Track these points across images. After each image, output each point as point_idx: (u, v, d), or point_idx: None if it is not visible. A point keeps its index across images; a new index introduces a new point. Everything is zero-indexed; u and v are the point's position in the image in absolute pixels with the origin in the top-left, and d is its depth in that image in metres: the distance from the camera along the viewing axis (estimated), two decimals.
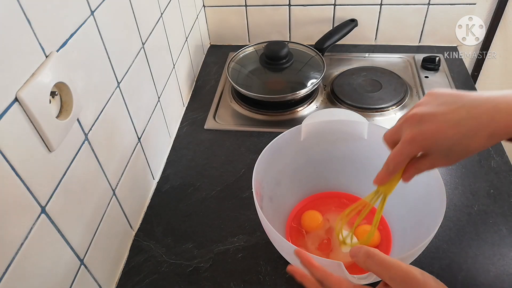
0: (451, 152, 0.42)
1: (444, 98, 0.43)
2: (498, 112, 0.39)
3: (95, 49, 0.53)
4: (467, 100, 0.41)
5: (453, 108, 0.41)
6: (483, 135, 0.40)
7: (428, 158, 0.44)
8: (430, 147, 0.43)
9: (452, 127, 0.41)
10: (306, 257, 0.47)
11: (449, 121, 0.41)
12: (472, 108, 0.40)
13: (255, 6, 1.06)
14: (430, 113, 0.42)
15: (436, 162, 0.44)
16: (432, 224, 0.51)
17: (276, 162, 0.64)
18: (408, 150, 0.44)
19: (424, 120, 0.42)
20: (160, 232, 0.69)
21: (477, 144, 0.40)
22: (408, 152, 0.44)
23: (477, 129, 0.40)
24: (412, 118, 0.43)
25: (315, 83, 0.89)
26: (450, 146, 0.41)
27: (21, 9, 0.38)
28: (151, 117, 0.73)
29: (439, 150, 0.42)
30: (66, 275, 0.49)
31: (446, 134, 0.41)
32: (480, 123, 0.40)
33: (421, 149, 0.43)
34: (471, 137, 0.40)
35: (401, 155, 0.45)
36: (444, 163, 0.44)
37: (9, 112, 0.37)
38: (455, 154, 0.42)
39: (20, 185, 0.39)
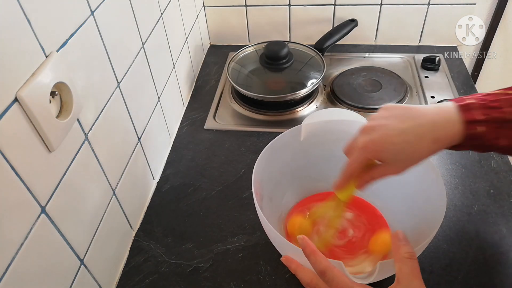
0: (399, 158, 0.46)
1: (395, 111, 0.47)
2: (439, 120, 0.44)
3: (95, 49, 0.53)
4: (414, 111, 0.46)
5: (402, 119, 0.46)
6: (427, 141, 0.44)
7: (379, 166, 0.48)
8: (379, 153, 0.47)
9: (399, 135, 0.45)
10: (311, 245, 0.47)
11: (397, 129, 0.45)
12: (418, 117, 0.45)
13: (255, 6, 1.06)
14: (381, 124, 0.47)
15: (387, 170, 0.48)
16: (432, 224, 0.51)
17: (276, 162, 0.64)
18: (361, 156, 0.48)
19: (375, 130, 0.47)
20: (160, 232, 0.69)
21: (422, 149, 0.45)
22: (361, 159, 0.48)
23: (422, 135, 0.44)
24: (365, 129, 0.48)
25: (315, 83, 0.89)
26: (398, 151, 0.45)
27: (21, 9, 0.38)
28: (151, 117, 0.73)
29: (388, 156, 0.46)
30: (66, 275, 0.49)
31: (393, 141, 0.45)
32: (424, 130, 0.44)
33: (372, 155, 0.47)
34: (416, 143, 0.44)
35: (354, 161, 0.49)
36: (394, 170, 0.48)
37: (9, 112, 0.37)
38: (403, 160, 0.46)
39: (20, 185, 0.39)
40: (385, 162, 0.47)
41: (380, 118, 0.47)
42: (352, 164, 0.49)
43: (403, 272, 0.44)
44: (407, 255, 0.45)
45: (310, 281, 0.48)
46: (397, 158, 0.46)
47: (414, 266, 0.44)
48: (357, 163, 0.49)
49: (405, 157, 0.46)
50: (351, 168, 0.50)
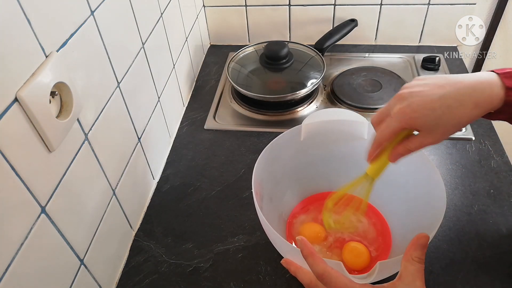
0: (438, 124, 0.44)
1: (430, 79, 0.46)
2: (480, 84, 0.43)
3: (95, 49, 0.53)
4: (453, 77, 0.45)
5: (439, 85, 0.44)
6: (468, 105, 0.43)
7: (416, 136, 0.47)
8: (417, 120, 0.45)
9: (438, 100, 0.44)
10: (309, 247, 0.47)
11: (435, 94, 0.44)
12: (457, 82, 0.44)
13: (255, 6, 1.06)
14: (418, 90, 0.45)
15: (424, 139, 0.46)
16: (432, 224, 0.51)
17: (276, 162, 0.64)
18: (395, 122, 0.46)
19: (412, 96, 0.45)
20: (160, 232, 0.69)
21: (462, 114, 0.43)
22: (395, 125, 0.46)
23: (462, 99, 0.43)
24: (400, 95, 0.47)
25: (315, 83, 0.89)
26: (437, 117, 0.44)
27: (21, 9, 0.38)
28: (151, 117, 0.73)
29: (426, 122, 0.45)
30: (66, 275, 0.49)
31: (432, 106, 0.44)
32: (463, 94, 0.43)
33: (409, 121, 0.45)
34: (456, 107, 0.43)
35: (387, 127, 0.47)
36: (432, 139, 0.46)
37: (9, 112, 0.37)
38: (442, 126, 0.44)
39: (20, 185, 0.39)
40: (422, 130, 0.45)
41: (416, 85, 0.46)
42: (385, 130, 0.47)
43: (407, 270, 0.44)
44: (417, 259, 0.44)
45: (309, 282, 0.48)
46: (437, 123, 0.44)
47: (420, 269, 0.44)
48: (391, 129, 0.46)
49: (445, 123, 0.44)
50: (383, 135, 0.47)
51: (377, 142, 0.49)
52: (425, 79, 0.46)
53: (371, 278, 0.46)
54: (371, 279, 0.46)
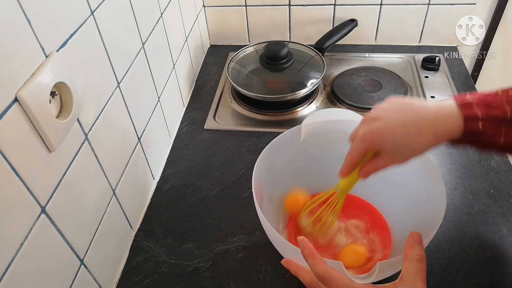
0: (399, 149, 0.46)
1: (399, 104, 0.48)
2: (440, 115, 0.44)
3: (95, 49, 0.53)
4: (417, 105, 0.46)
5: (404, 111, 0.46)
6: (427, 134, 0.45)
7: (382, 157, 0.49)
8: (379, 143, 0.47)
9: (399, 126, 0.45)
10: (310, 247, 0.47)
11: (398, 121, 0.46)
12: (419, 111, 0.46)
13: (255, 6, 1.06)
14: (383, 115, 0.47)
15: (389, 160, 0.48)
16: (432, 224, 0.51)
17: (276, 162, 0.64)
18: (361, 145, 0.49)
19: (376, 120, 0.47)
20: (160, 232, 0.69)
21: (422, 142, 0.45)
22: (360, 147, 0.49)
23: (422, 128, 0.45)
24: (367, 118, 0.49)
25: (315, 83, 0.89)
26: (398, 143, 0.46)
27: (21, 9, 0.38)
28: (151, 117, 0.73)
29: (387, 147, 0.47)
30: (66, 275, 0.49)
31: (393, 132, 0.46)
32: (424, 123, 0.45)
33: (371, 144, 0.48)
34: (416, 135, 0.45)
35: (355, 149, 0.50)
36: (396, 161, 0.48)
37: (9, 112, 0.37)
38: (403, 152, 0.47)
39: (20, 185, 0.39)
40: (385, 153, 0.48)
41: (383, 109, 0.48)
42: (353, 152, 0.50)
43: (409, 271, 0.44)
44: (418, 257, 0.45)
45: (310, 281, 0.49)
46: (397, 149, 0.46)
47: (422, 268, 0.44)
48: (357, 151, 0.49)
49: (405, 149, 0.46)
50: (352, 156, 0.50)
51: (348, 161, 0.51)
52: (394, 102, 0.48)
53: (371, 278, 0.46)
54: (371, 279, 0.46)
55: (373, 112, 0.49)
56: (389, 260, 0.49)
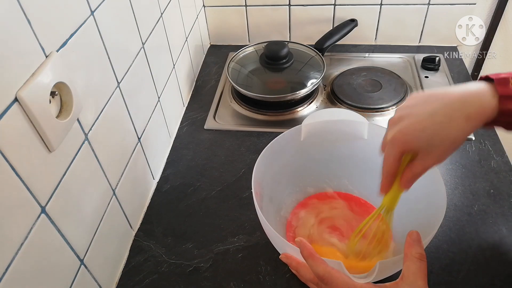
0: (433, 143, 0.43)
1: (420, 98, 0.44)
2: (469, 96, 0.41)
3: (95, 49, 0.53)
4: (440, 92, 0.43)
5: (428, 102, 0.43)
6: (459, 119, 0.41)
7: (418, 159, 0.45)
8: (411, 143, 0.44)
9: (427, 118, 0.42)
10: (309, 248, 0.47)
11: (424, 114, 0.42)
12: (445, 97, 0.42)
13: (255, 6, 1.06)
14: (407, 113, 0.44)
15: (426, 161, 0.44)
16: (432, 224, 0.51)
17: (276, 162, 0.64)
18: (392, 150, 0.45)
19: (402, 119, 0.44)
20: (160, 232, 0.69)
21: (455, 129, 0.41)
22: (393, 152, 0.45)
23: (451, 114, 0.41)
24: (392, 121, 0.46)
25: (315, 83, 0.89)
26: (430, 136, 0.42)
27: (21, 9, 0.38)
28: (151, 117, 0.73)
29: (421, 143, 0.43)
30: (66, 275, 0.49)
31: (422, 125, 0.42)
32: (453, 109, 0.41)
33: (404, 145, 0.44)
34: (447, 123, 0.41)
35: (388, 157, 0.46)
36: (434, 159, 0.44)
37: (9, 112, 0.37)
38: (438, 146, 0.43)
39: (20, 185, 0.39)
40: (421, 152, 0.44)
41: (406, 107, 0.45)
42: (387, 160, 0.46)
43: (409, 270, 0.44)
44: (418, 255, 0.44)
45: (311, 278, 0.48)
46: (431, 143, 0.43)
47: (422, 267, 0.44)
48: (391, 158, 0.45)
49: (440, 141, 0.42)
50: (387, 165, 0.46)
51: (385, 173, 0.47)
52: (415, 97, 0.45)
53: (371, 278, 0.46)
54: (371, 278, 0.46)
55: (396, 112, 0.46)
56: (389, 260, 0.49)
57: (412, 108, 0.44)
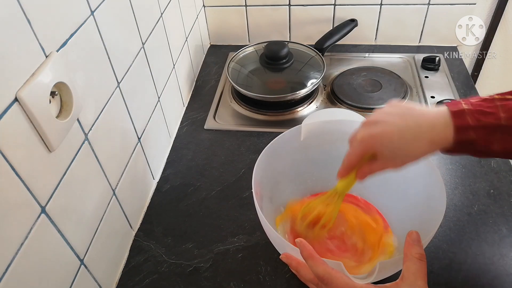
0: (395, 154, 0.47)
1: (399, 109, 0.48)
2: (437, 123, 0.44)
3: (95, 49, 0.53)
4: (417, 111, 0.46)
5: (403, 117, 0.46)
6: (424, 141, 0.45)
7: (379, 160, 0.49)
8: (377, 147, 0.47)
9: (397, 132, 0.46)
10: (309, 249, 0.47)
11: (396, 126, 0.46)
12: (418, 118, 0.45)
13: (255, 6, 1.06)
14: (383, 119, 0.47)
15: (385, 164, 0.48)
16: (432, 224, 0.51)
17: (276, 162, 0.64)
18: (359, 148, 0.49)
19: (376, 124, 0.47)
20: (160, 232, 0.69)
21: (418, 149, 0.45)
22: (358, 150, 0.49)
23: (419, 136, 0.45)
24: (367, 122, 0.49)
25: (315, 83, 0.89)
26: (395, 148, 0.46)
27: (21, 9, 0.38)
28: (151, 117, 0.73)
29: (385, 151, 0.47)
30: (66, 275, 0.49)
31: (391, 137, 0.46)
32: (422, 131, 0.45)
33: (369, 147, 0.48)
34: (413, 142, 0.45)
35: (353, 152, 0.50)
36: (392, 165, 0.48)
37: (9, 112, 0.37)
38: (399, 157, 0.47)
39: (20, 185, 0.39)
40: (382, 157, 0.48)
41: (383, 113, 0.48)
42: (351, 155, 0.50)
43: (409, 270, 0.44)
44: (417, 255, 0.45)
45: (311, 278, 0.48)
46: (394, 154, 0.46)
47: (422, 267, 0.45)
48: (355, 154, 0.49)
49: (401, 155, 0.46)
50: (350, 158, 0.50)
51: (346, 163, 0.51)
52: (394, 106, 0.48)
53: (371, 278, 0.46)
54: (371, 279, 0.46)
55: (374, 115, 0.49)
56: (389, 260, 0.49)
57: (388, 116, 0.47)
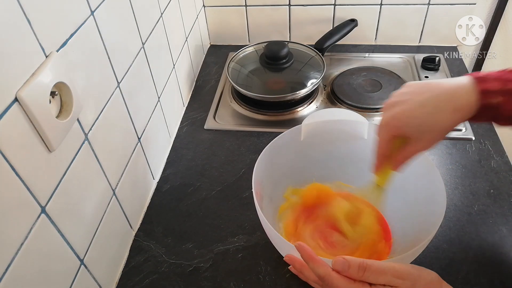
0: (423, 131, 0.46)
1: (414, 86, 0.48)
2: (458, 88, 0.44)
3: (95, 49, 0.53)
4: (433, 84, 0.47)
5: (421, 92, 0.46)
6: (447, 110, 0.45)
7: (408, 144, 0.48)
8: (402, 128, 0.47)
9: (418, 107, 0.46)
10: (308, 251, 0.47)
11: (416, 102, 0.46)
12: (436, 89, 0.46)
13: (255, 6, 1.06)
14: (401, 99, 0.47)
15: (416, 147, 0.48)
16: (432, 224, 0.51)
17: (276, 162, 0.64)
18: (384, 133, 0.49)
19: (395, 105, 0.48)
20: (160, 232, 0.69)
21: (443, 119, 0.45)
22: (386, 135, 0.49)
23: (440, 105, 0.45)
24: (386, 106, 0.49)
25: (315, 83, 0.89)
26: (420, 124, 0.46)
27: (21, 9, 0.38)
28: (151, 117, 0.73)
29: (412, 130, 0.47)
30: (66, 275, 0.49)
31: (413, 113, 0.46)
32: (442, 100, 0.45)
33: (395, 130, 0.48)
34: (436, 113, 0.45)
35: (381, 140, 0.50)
36: (423, 145, 0.48)
37: (9, 112, 0.37)
38: (427, 133, 0.47)
39: (20, 185, 0.39)
40: (411, 138, 0.48)
41: (400, 94, 0.48)
42: (380, 143, 0.50)
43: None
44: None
45: (316, 279, 0.48)
46: (421, 130, 0.46)
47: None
48: (384, 141, 0.49)
49: (428, 129, 0.46)
50: (380, 147, 0.50)
51: (377, 153, 0.51)
52: (410, 86, 0.48)
53: None
54: None
55: (391, 98, 0.49)
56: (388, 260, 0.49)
57: (406, 95, 0.47)
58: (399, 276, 0.41)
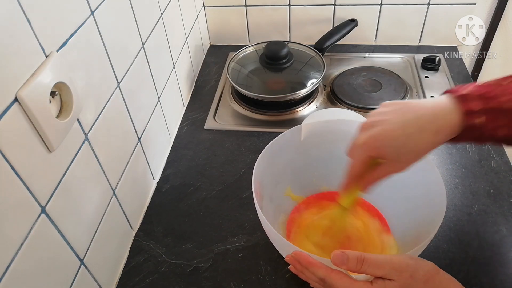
0: (401, 153, 0.44)
1: (394, 105, 0.46)
2: (440, 110, 0.42)
3: (95, 49, 0.53)
4: (414, 104, 0.45)
5: (402, 112, 0.44)
6: (428, 132, 0.43)
7: (383, 165, 0.47)
8: (381, 149, 0.45)
9: (399, 128, 0.44)
10: (306, 258, 0.47)
11: (396, 123, 0.44)
12: (418, 110, 0.44)
13: (255, 6, 1.06)
14: (380, 119, 0.45)
15: (391, 168, 0.46)
16: (432, 224, 0.51)
17: (276, 162, 0.64)
18: (363, 154, 0.47)
19: (374, 125, 0.45)
20: (160, 232, 0.69)
21: (424, 141, 0.43)
22: (363, 157, 0.47)
23: (422, 127, 0.43)
24: (364, 125, 0.47)
25: (315, 83, 0.89)
26: (400, 145, 0.44)
27: (21, 9, 0.38)
28: (151, 117, 0.73)
29: (389, 151, 0.45)
30: (66, 275, 0.49)
31: (393, 135, 0.44)
32: (424, 121, 0.43)
33: (373, 150, 0.46)
34: (417, 135, 0.43)
35: (357, 161, 0.47)
36: (398, 167, 0.46)
37: (9, 112, 0.37)
38: (405, 154, 0.45)
39: (20, 185, 0.39)
40: (387, 159, 0.46)
41: (379, 114, 0.46)
42: (355, 163, 0.48)
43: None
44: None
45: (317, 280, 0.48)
46: (399, 152, 0.44)
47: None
48: (360, 162, 0.47)
49: (408, 151, 0.44)
50: (354, 168, 0.48)
51: (351, 177, 0.49)
52: (389, 105, 0.47)
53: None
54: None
55: (369, 118, 0.47)
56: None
57: (385, 115, 0.45)
58: (397, 268, 0.41)
